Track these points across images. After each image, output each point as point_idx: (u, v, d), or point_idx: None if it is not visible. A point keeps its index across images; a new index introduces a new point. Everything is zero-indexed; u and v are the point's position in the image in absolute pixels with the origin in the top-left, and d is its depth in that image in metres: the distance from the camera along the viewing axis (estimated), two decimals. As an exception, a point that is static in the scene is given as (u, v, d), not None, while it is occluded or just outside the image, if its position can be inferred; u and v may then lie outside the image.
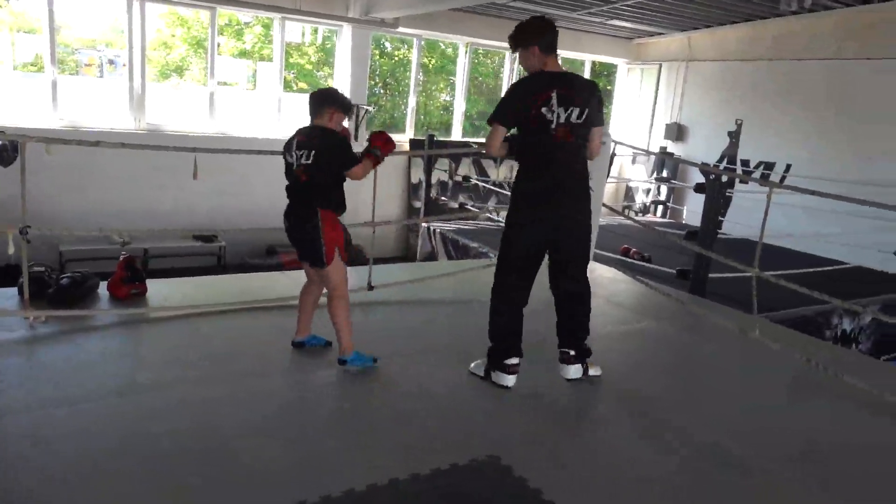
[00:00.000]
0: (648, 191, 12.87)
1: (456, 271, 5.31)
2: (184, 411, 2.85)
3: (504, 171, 11.52)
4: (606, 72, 13.92)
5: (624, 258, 7.81)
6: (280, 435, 2.75)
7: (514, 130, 3.21)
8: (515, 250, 3.18)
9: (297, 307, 3.51)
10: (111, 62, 10.30)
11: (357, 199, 4.49)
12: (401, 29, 10.22)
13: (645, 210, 12.76)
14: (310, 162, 3.16)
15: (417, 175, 10.77)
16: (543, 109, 2.98)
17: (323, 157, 3.16)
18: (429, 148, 9.05)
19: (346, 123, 3.36)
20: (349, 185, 3.26)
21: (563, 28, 12.00)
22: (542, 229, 3.12)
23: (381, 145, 3.29)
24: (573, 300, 3.27)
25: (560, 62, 3.19)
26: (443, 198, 10.41)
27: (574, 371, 3.28)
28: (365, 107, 10.21)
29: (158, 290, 4.26)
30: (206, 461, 2.50)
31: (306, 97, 3.33)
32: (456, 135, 11.80)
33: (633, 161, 13.13)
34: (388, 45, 12.10)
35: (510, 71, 12.05)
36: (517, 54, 3.15)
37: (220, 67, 9.69)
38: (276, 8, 9.35)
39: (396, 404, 3.08)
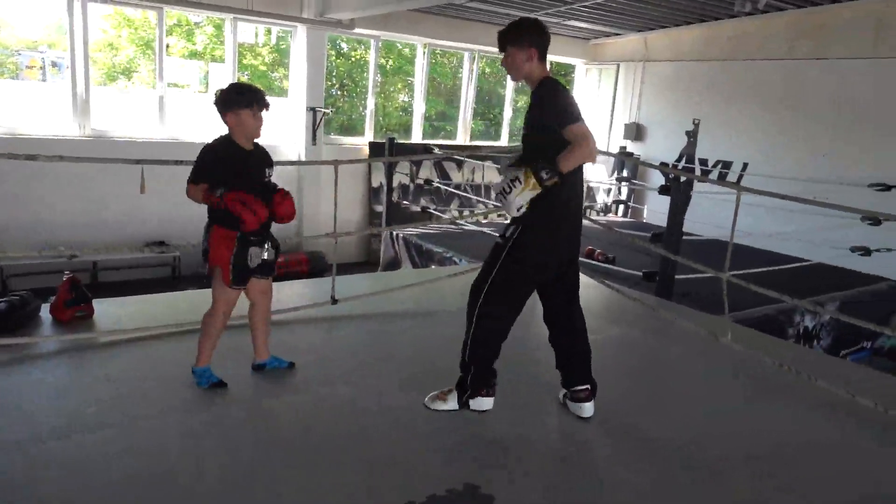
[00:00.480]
0: (609, 190, 12.94)
1: (422, 281, 5.16)
2: (132, 456, 2.61)
3: (466, 174, 11.43)
4: (564, 72, 13.96)
5: (589, 260, 7.80)
6: (239, 469, 2.56)
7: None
8: (529, 278, 2.87)
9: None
10: (55, 65, 9.82)
11: (318, 206, 4.32)
12: (357, 30, 10.02)
13: (606, 210, 12.83)
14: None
15: (378, 178, 10.58)
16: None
17: None
18: (388, 151, 8.87)
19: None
20: (311, 190, 3.08)
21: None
22: (561, 255, 2.86)
23: (229, 205, 2.80)
24: (582, 332, 3.04)
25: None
26: (404, 202, 10.24)
27: (590, 408, 3.05)
28: (322, 109, 9.97)
29: (106, 311, 4.00)
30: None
31: None
32: (416, 137, 11.65)
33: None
34: (344, 45, 11.87)
35: (468, 72, 11.95)
36: (507, 53, 2.82)
37: (170, 69, 9.34)
38: (227, 8, 9.05)
39: (370, 431, 2.92)
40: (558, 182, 2.60)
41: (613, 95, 12.84)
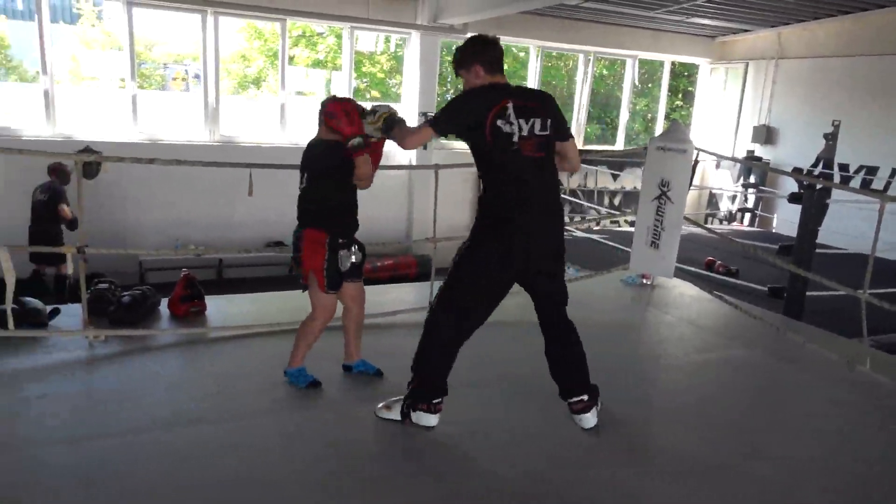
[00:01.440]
0: (734, 197, 12.10)
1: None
2: (231, 452, 2.69)
3: (577, 178, 11.11)
4: (687, 72, 13.25)
5: (708, 272, 7.30)
6: (313, 477, 2.57)
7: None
8: (479, 281, 2.71)
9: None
10: (196, 76, 10.65)
11: (428, 210, 4.33)
12: (470, 34, 10.02)
13: (730, 218, 12.00)
14: (302, 183, 3.04)
15: (487, 183, 10.52)
16: (499, 122, 2.59)
17: (307, 173, 3.02)
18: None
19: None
20: (421, 194, 3.07)
21: (639, 28, 11.42)
22: (517, 259, 2.67)
23: (347, 130, 2.86)
24: (571, 339, 2.89)
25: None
26: (513, 207, 10.11)
27: (592, 418, 2.88)
28: (433, 113, 10.05)
29: (218, 308, 4.21)
30: None
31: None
32: (528, 141, 11.46)
33: (717, 166, 12.39)
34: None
35: (583, 74, 11.62)
36: (462, 79, 2.79)
37: (295, 78, 9.80)
38: (345, 17, 9.35)
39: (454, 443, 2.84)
40: (381, 133, 2.89)
41: (741, 96, 11.99)
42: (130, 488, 2.40)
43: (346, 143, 2.87)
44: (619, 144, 12.20)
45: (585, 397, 2.86)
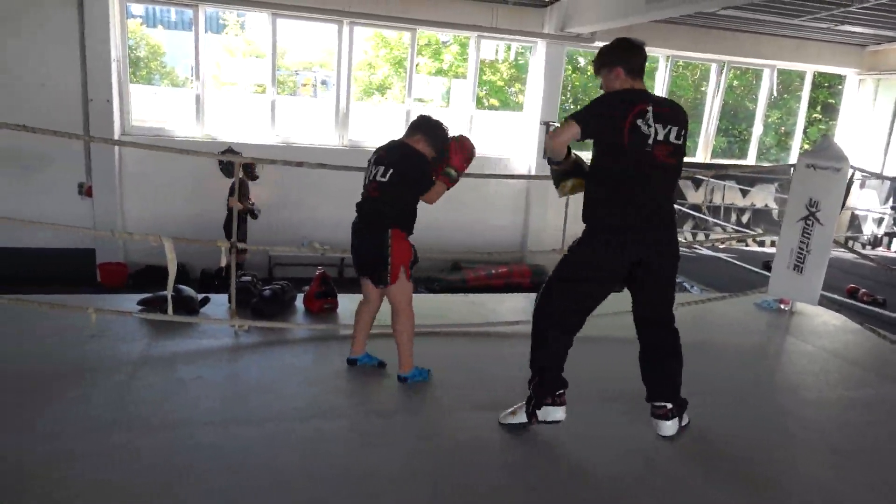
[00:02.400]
0: (881, 220, 11.09)
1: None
2: (358, 445, 2.80)
3: (704, 194, 10.61)
4: (827, 83, 12.31)
5: (851, 300, 6.72)
6: (445, 478, 2.60)
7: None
8: (589, 274, 2.74)
9: (354, 323, 3.49)
10: (323, 82, 11.19)
11: (545, 220, 4.29)
12: (597, 43, 9.84)
13: (875, 243, 11.01)
14: (385, 180, 3.11)
15: (607, 195, 10.27)
16: (639, 122, 2.60)
17: (398, 177, 3.11)
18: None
19: None
20: (538, 204, 3.11)
21: (780, 36, 10.73)
22: (625, 259, 2.69)
23: (457, 165, 3.17)
24: (666, 349, 2.88)
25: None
26: (633, 220, 9.80)
27: (671, 427, 2.87)
28: (555, 123, 9.97)
29: (348, 307, 4.36)
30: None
31: (497, 114, 3.24)
32: (650, 153, 11.09)
33: (862, 185, 11.41)
34: (581, 60, 11.76)
35: (714, 84, 11.09)
36: (601, 78, 2.80)
37: (417, 86, 10.05)
38: (473, 27, 9.48)
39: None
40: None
41: (895, 110, 10.98)
42: (270, 476, 2.54)
43: (444, 168, 3.15)
44: (751, 159, 11.53)
45: (669, 405, 2.87)
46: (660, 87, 10.86)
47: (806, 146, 12.12)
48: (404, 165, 3.14)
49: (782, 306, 5.00)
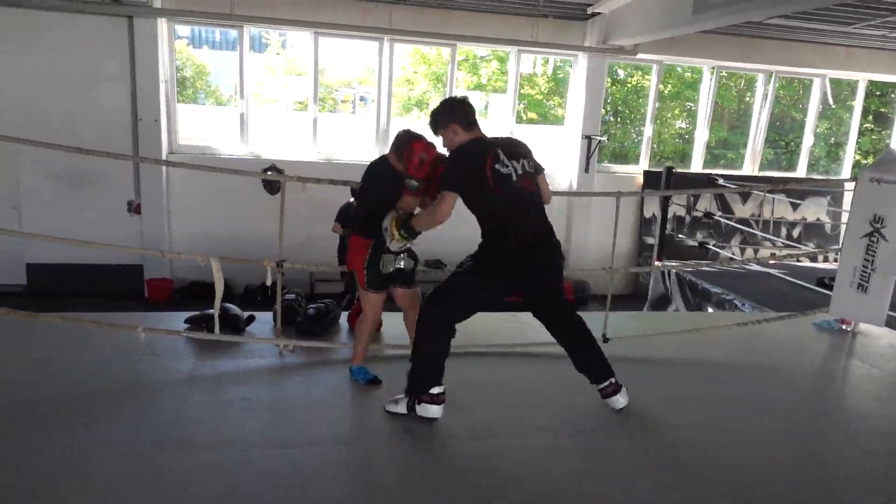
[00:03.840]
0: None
1: (702, 327, 4.67)
2: (388, 469, 2.75)
3: (752, 207, 10.32)
4: (879, 92, 11.89)
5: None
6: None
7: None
8: (483, 293, 3.03)
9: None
10: (362, 99, 11.29)
11: (587, 235, 4.19)
12: (640, 55, 9.71)
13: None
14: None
15: (651, 209, 10.08)
16: (497, 166, 2.93)
17: (362, 182, 3.42)
18: (666, 181, 8.37)
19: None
20: (580, 219, 3.08)
21: (831, 45, 10.40)
22: (523, 281, 3.05)
23: (412, 172, 3.16)
24: (584, 333, 3.23)
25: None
26: (679, 235, 9.58)
27: (622, 399, 3.25)
28: (597, 136, 9.85)
29: (392, 325, 4.31)
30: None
31: (537, 128, 3.25)
32: (695, 166, 10.87)
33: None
34: (620, 72, 11.62)
35: (762, 95, 10.81)
36: (440, 139, 3.11)
37: (457, 101, 10.03)
38: (513, 41, 9.45)
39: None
40: (411, 239, 3.18)
41: (954, 119, 10.54)
42: (317, 498, 2.50)
43: (405, 181, 3.20)
44: (801, 171, 11.19)
45: (612, 380, 3.22)
46: (704, 98, 10.65)
47: (858, 157, 11.71)
48: (364, 177, 3.42)
49: (844, 327, 4.77)
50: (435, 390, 3.03)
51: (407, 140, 3.24)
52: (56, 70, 8.23)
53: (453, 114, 3.06)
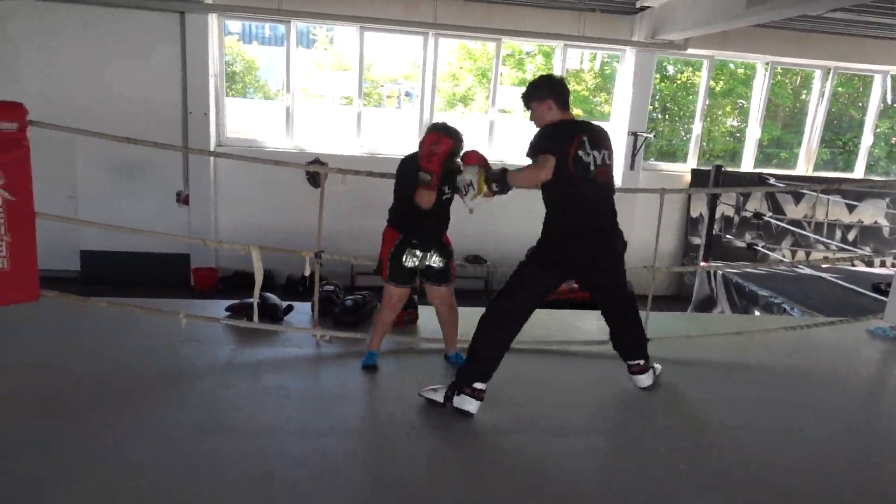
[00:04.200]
0: None
1: (749, 329, 4.53)
2: (411, 462, 2.75)
3: (805, 209, 9.96)
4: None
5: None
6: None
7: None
8: (544, 286, 3.09)
9: None
10: (407, 94, 11.33)
11: (630, 233, 4.11)
12: (690, 50, 9.46)
13: None
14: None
15: (699, 208, 9.83)
16: (580, 152, 2.96)
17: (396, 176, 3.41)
18: (715, 180, 8.14)
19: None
20: (624, 216, 3.25)
21: (893, 39, 9.91)
22: (584, 266, 3.12)
23: (423, 165, 3.13)
24: (628, 310, 3.35)
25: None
26: (727, 235, 9.31)
27: (647, 379, 3.43)
28: (644, 133, 9.65)
29: (428, 319, 4.31)
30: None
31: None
32: (746, 164, 10.54)
33: None
34: (670, 68, 11.35)
35: (818, 92, 10.41)
36: (530, 111, 3.14)
37: (500, 96, 9.98)
38: (559, 36, 9.33)
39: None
40: (504, 192, 3.07)
41: None
42: (349, 487, 2.52)
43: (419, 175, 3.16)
44: (859, 172, 10.74)
45: (642, 361, 3.42)
46: (757, 95, 10.32)
47: (921, 158, 11.18)
48: (401, 172, 3.39)
49: (899, 333, 4.56)
50: (478, 385, 3.05)
51: (425, 134, 3.27)
52: (111, 64, 8.50)
53: (552, 90, 3.09)
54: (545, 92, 3.08)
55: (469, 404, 3.04)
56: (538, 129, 3.09)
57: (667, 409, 3.41)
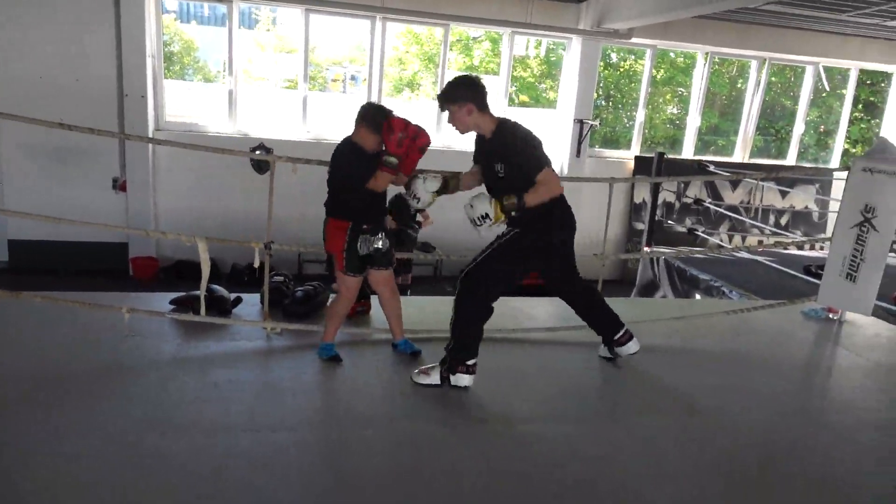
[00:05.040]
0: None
1: (692, 314, 4.67)
2: (391, 451, 2.73)
3: (741, 195, 10.34)
4: (870, 80, 11.89)
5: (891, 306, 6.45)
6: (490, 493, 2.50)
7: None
8: (524, 268, 3.29)
9: None
10: (353, 78, 11.15)
11: (577, 221, 4.18)
12: (634, 39, 9.63)
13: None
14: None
15: (642, 195, 10.07)
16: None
17: (330, 171, 3.34)
18: (657, 167, 8.34)
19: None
20: (571, 203, 3.28)
21: (824, 32, 10.36)
22: (563, 251, 3.33)
23: (392, 149, 3.11)
24: (594, 292, 3.61)
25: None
26: (669, 221, 9.58)
27: (634, 345, 3.60)
28: (589, 121, 9.79)
29: (379, 309, 4.27)
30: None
31: (529, 111, 3.31)
32: (687, 152, 10.85)
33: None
34: (613, 56, 11.54)
35: (754, 82, 10.78)
36: (448, 113, 3.13)
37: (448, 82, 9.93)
38: (506, 22, 9.33)
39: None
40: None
41: (944, 109, 10.58)
42: (302, 481, 2.48)
43: (384, 157, 3.13)
44: (791, 159, 11.21)
45: (622, 329, 3.56)
46: (697, 83, 10.61)
47: (847, 146, 11.74)
48: (332, 160, 3.34)
49: (830, 315, 4.80)
50: (469, 361, 3.19)
51: (383, 114, 3.21)
52: (40, 43, 8.03)
53: (471, 92, 3.06)
54: (464, 93, 3.06)
55: (464, 380, 3.19)
56: (478, 131, 3.15)
57: (613, 395, 3.50)
